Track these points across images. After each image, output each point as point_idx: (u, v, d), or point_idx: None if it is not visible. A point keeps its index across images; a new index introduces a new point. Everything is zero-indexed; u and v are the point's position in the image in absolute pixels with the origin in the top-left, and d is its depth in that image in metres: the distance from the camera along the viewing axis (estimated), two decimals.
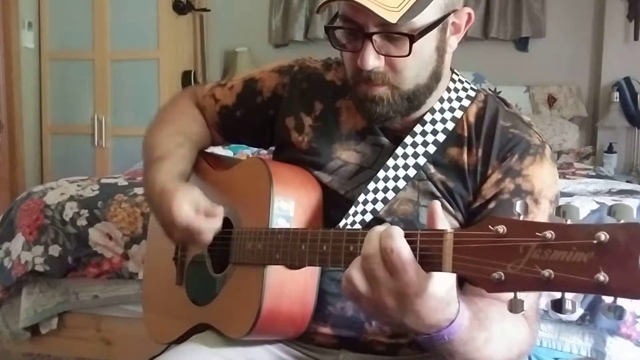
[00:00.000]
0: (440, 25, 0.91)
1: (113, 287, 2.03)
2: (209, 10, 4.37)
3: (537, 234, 0.58)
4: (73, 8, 3.93)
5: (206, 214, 0.98)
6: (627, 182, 2.92)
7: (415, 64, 0.91)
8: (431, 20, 0.89)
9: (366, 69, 0.89)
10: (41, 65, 3.98)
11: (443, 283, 0.70)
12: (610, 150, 3.84)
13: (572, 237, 0.56)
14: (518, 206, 0.63)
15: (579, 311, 1.60)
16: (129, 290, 2.02)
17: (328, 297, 0.97)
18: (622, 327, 1.59)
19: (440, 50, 0.94)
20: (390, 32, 0.88)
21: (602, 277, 0.54)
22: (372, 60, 0.89)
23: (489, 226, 0.63)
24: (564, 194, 1.99)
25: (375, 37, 0.88)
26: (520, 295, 0.88)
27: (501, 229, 0.62)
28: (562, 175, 2.66)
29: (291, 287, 0.95)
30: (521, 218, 0.62)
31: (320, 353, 1.02)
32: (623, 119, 3.86)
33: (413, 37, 0.87)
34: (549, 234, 0.58)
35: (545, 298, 1.61)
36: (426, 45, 0.91)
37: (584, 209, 1.68)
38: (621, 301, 0.55)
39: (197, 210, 0.98)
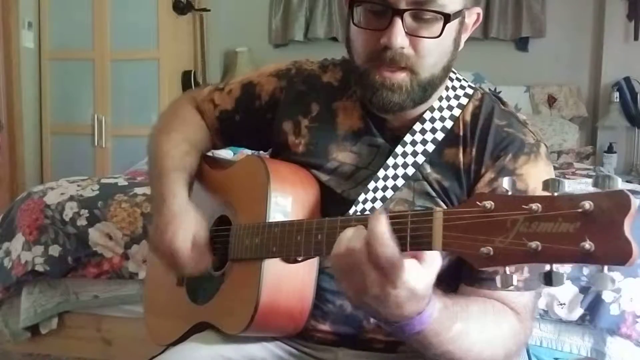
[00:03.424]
0: (460, 17, 0.91)
1: (113, 287, 2.04)
2: (209, 10, 4.37)
3: (524, 207, 0.59)
4: (73, 8, 3.93)
5: (198, 254, 1.00)
6: (627, 182, 2.93)
7: (438, 50, 0.90)
8: (457, 8, 0.89)
9: (394, 47, 0.87)
10: (41, 65, 3.98)
11: (427, 281, 0.71)
12: (610, 150, 3.84)
13: (558, 208, 0.57)
14: (505, 182, 0.63)
15: (579, 311, 1.60)
16: (129, 290, 2.02)
17: (327, 295, 0.97)
18: (622, 327, 1.59)
19: (456, 43, 0.94)
20: (425, 10, 0.86)
21: (587, 245, 0.54)
22: (401, 39, 0.86)
23: (477, 202, 0.63)
24: None
25: (406, 15, 0.86)
26: (516, 292, 0.89)
27: (489, 204, 0.62)
28: (562, 175, 2.66)
29: (289, 282, 0.95)
30: (509, 194, 0.62)
31: (319, 350, 1.02)
32: (623, 119, 3.86)
33: (449, 18, 0.87)
34: (536, 206, 0.58)
35: (544, 298, 1.61)
36: (449, 33, 0.90)
37: None
38: (612, 270, 0.55)
39: (193, 246, 0.99)
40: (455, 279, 0.94)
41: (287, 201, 0.97)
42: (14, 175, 3.80)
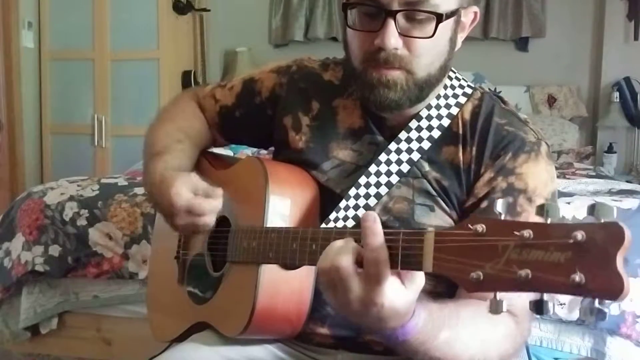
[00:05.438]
0: (456, 17, 0.91)
1: (113, 287, 2.03)
2: (209, 10, 4.37)
3: (516, 233, 0.57)
4: (73, 8, 3.93)
5: (205, 195, 0.96)
6: (627, 182, 2.93)
7: (433, 50, 0.91)
8: (452, 8, 0.89)
9: (387, 48, 0.87)
10: (41, 65, 3.98)
11: (409, 300, 0.71)
12: (610, 150, 3.84)
13: (550, 237, 0.55)
14: (499, 205, 0.62)
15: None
16: (129, 290, 2.02)
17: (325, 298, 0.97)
18: (622, 327, 1.59)
19: (452, 43, 0.94)
20: (417, 10, 0.86)
21: (578, 277, 0.52)
22: (394, 40, 0.87)
23: (469, 225, 0.62)
24: (564, 194, 1.99)
25: (398, 16, 0.87)
26: (514, 294, 0.88)
27: (480, 227, 0.61)
28: (562, 175, 2.66)
29: (286, 285, 0.95)
30: (502, 217, 0.61)
31: (318, 353, 1.02)
32: (623, 119, 3.86)
33: (441, 17, 0.87)
34: (527, 233, 0.56)
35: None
36: (444, 33, 0.90)
37: (584, 209, 1.68)
38: (602, 303, 0.54)
39: (196, 192, 0.96)
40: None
41: (286, 204, 0.97)
42: (14, 175, 3.79)
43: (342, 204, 0.96)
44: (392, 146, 0.97)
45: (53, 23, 3.96)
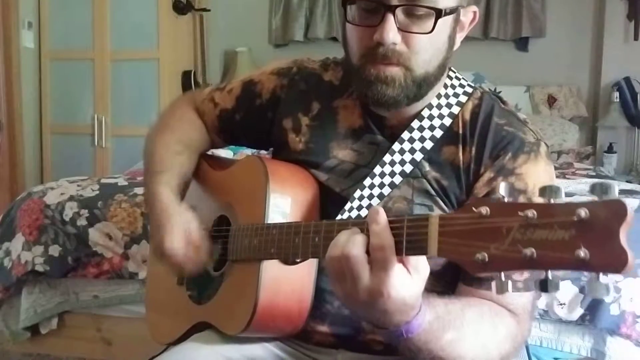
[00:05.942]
0: (455, 15, 0.91)
1: (113, 287, 2.04)
2: (209, 10, 4.37)
3: (520, 213, 0.58)
4: (73, 8, 3.94)
5: (196, 247, 1.02)
6: (627, 182, 2.93)
7: (432, 47, 0.91)
8: (451, 5, 0.90)
9: (386, 43, 0.87)
10: (41, 65, 3.99)
11: (415, 290, 0.72)
12: (610, 150, 3.84)
13: (554, 215, 0.56)
14: (502, 188, 0.63)
15: (579, 311, 1.60)
16: (129, 290, 2.02)
17: (326, 295, 0.97)
18: (622, 327, 1.59)
19: (451, 41, 0.94)
20: (416, 5, 0.87)
21: (582, 253, 0.54)
22: (393, 35, 0.87)
23: (473, 208, 0.63)
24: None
25: (398, 11, 0.87)
26: (515, 293, 0.89)
27: (484, 210, 0.62)
28: (562, 175, 2.66)
29: (287, 283, 0.95)
30: (505, 200, 0.62)
31: (318, 352, 1.02)
32: (623, 119, 3.86)
33: (440, 13, 0.87)
34: (531, 213, 0.57)
35: (544, 298, 1.62)
36: (443, 30, 0.90)
37: None
38: (606, 278, 0.55)
39: (188, 242, 1.01)
40: (455, 278, 0.94)
41: (286, 202, 0.97)
42: (14, 175, 3.80)
43: (347, 206, 0.96)
44: (396, 146, 0.97)
45: (53, 23, 3.96)
